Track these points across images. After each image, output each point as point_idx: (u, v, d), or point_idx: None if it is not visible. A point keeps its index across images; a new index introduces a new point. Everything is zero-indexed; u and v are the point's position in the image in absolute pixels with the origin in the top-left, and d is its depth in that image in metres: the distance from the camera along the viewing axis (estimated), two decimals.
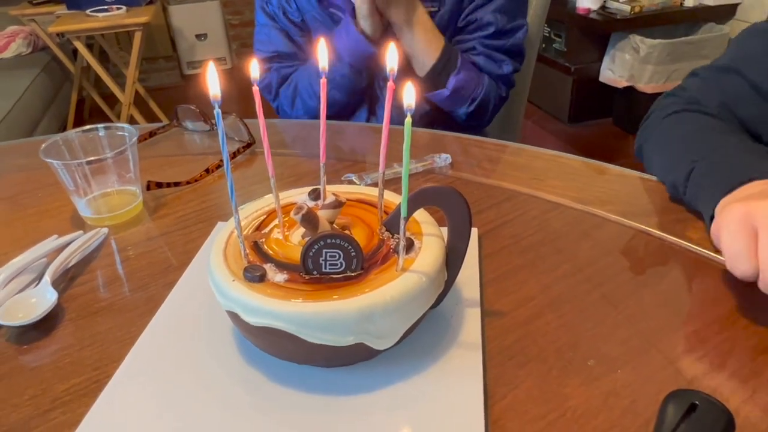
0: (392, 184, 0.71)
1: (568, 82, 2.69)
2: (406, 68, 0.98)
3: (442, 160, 0.76)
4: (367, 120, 1.07)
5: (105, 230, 0.65)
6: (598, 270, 0.56)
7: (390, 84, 0.40)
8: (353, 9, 0.94)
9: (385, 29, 0.96)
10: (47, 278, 0.55)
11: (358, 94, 1.03)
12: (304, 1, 1.03)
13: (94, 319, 0.53)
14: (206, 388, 0.45)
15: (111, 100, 2.87)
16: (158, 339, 0.50)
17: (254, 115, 0.45)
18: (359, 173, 0.73)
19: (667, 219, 0.62)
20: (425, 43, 0.95)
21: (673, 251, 0.59)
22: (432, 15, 0.98)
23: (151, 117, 2.82)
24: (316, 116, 1.03)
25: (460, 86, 0.97)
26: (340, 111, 1.05)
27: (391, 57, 0.41)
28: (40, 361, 0.49)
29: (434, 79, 0.97)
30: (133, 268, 0.60)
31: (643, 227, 0.61)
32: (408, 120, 0.37)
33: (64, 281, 0.58)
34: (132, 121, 2.68)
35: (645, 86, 2.50)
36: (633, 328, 0.49)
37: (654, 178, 0.70)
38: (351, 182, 0.72)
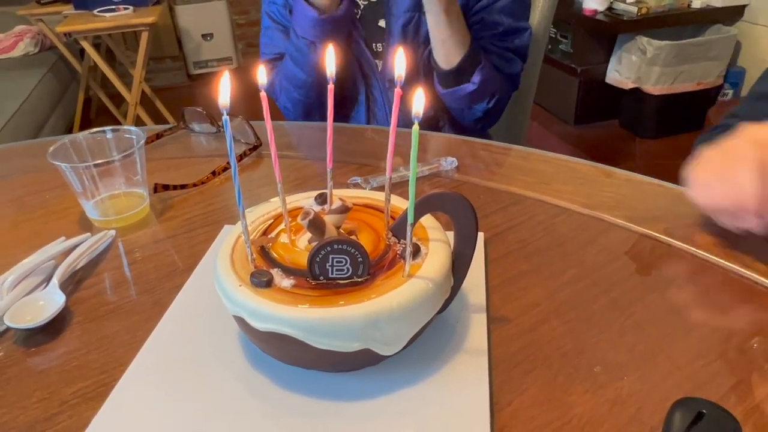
0: (398, 187, 0.71)
1: (574, 83, 2.68)
2: (412, 75, 0.98)
3: (448, 163, 0.76)
4: (367, 121, 1.07)
5: (112, 232, 0.66)
6: (605, 275, 0.56)
7: (397, 90, 0.40)
8: None
9: (338, 1, 0.93)
10: (55, 281, 0.55)
11: (318, 72, 1.00)
12: None
13: (102, 323, 0.53)
14: (212, 392, 0.45)
15: (117, 99, 2.89)
16: (165, 343, 0.50)
17: (260, 117, 0.45)
18: (365, 176, 0.73)
19: (674, 224, 0.62)
20: (459, 35, 0.93)
21: (680, 257, 0.58)
22: None
23: (157, 117, 2.83)
24: (297, 101, 1.03)
25: (484, 81, 0.95)
26: (309, 92, 1.03)
27: (399, 63, 0.41)
28: (48, 364, 0.49)
29: (460, 73, 0.95)
30: (140, 271, 0.60)
31: (651, 232, 0.61)
32: (415, 127, 0.37)
33: (72, 284, 0.58)
34: (138, 120, 2.68)
35: (652, 88, 2.49)
36: (640, 334, 0.49)
37: (662, 182, 0.70)
38: (357, 185, 0.72)
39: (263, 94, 0.43)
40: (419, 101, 0.38)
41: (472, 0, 0.99)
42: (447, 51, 0.94)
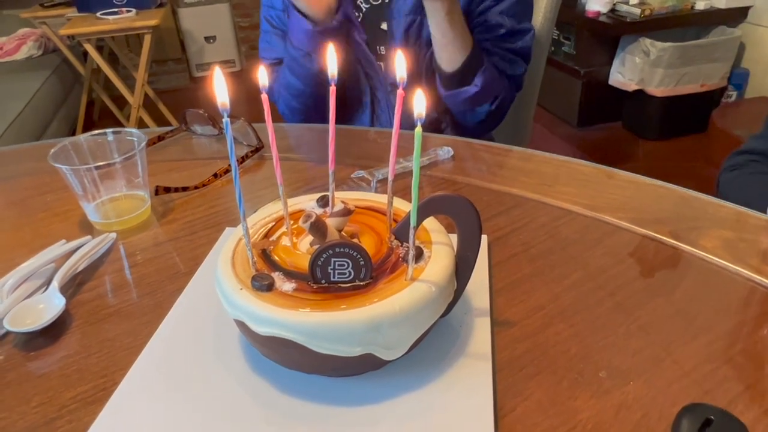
0: (401, 178, 0.70)
1: (577, 85, 2.67)
2: (414, 77, 0.97)
3: (445, 152, 0.76)
4: (371, 124, 1.07)
5: (113, 235, 0.65)
6: (610, 278, 0.55)
7: (400, 92, 0.40)
8: None
9: (334, 12, 0.94)
10: (55, 284, 0.55)
11: (315, 83, 1.00)
12: None
13: (102, 326, 0.53)
14: (213, 396, 0.44)
15: (120, 102, 2.89)
16: (165, 347, 0.49)
17: (263, 119, 0.44)
18: (369, 169, 0.73)
19: (680, 227, 0.62)
20: (460, 38, 0.93)
21: (686, 260, 0.58)
22: None
23: (160, 119, 2.84)
24: (295, 109, 1.03)
25: (487, 83, 0.95)
26: (306, 101, 1.03)
27: (399, 65, 0.40)
28: (48, 368, 0.48)
29: (462, 75, 0.95)
30: (141, 273, 0.60)
31: (656, 235, 0.61)
32: (418, 129, 0.36)
33: (72, 287, 0.58)
34: (141, 123, 2.69)
35: (655, 90, 2.48)
36: (646, 338, 0.48)
37: (666, 184, 0.69)
38: (362, 179, 0.72)
39: (264, 96, 0.42)
40: (420, 103, 0.38)
41: (474, 2, 0.99)
42: (449, 54, 0.94)
